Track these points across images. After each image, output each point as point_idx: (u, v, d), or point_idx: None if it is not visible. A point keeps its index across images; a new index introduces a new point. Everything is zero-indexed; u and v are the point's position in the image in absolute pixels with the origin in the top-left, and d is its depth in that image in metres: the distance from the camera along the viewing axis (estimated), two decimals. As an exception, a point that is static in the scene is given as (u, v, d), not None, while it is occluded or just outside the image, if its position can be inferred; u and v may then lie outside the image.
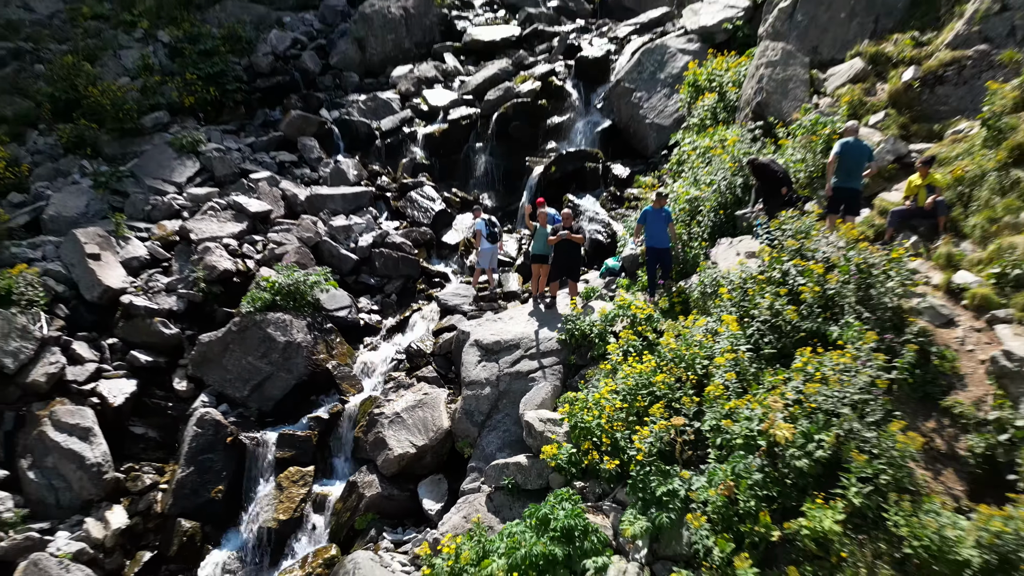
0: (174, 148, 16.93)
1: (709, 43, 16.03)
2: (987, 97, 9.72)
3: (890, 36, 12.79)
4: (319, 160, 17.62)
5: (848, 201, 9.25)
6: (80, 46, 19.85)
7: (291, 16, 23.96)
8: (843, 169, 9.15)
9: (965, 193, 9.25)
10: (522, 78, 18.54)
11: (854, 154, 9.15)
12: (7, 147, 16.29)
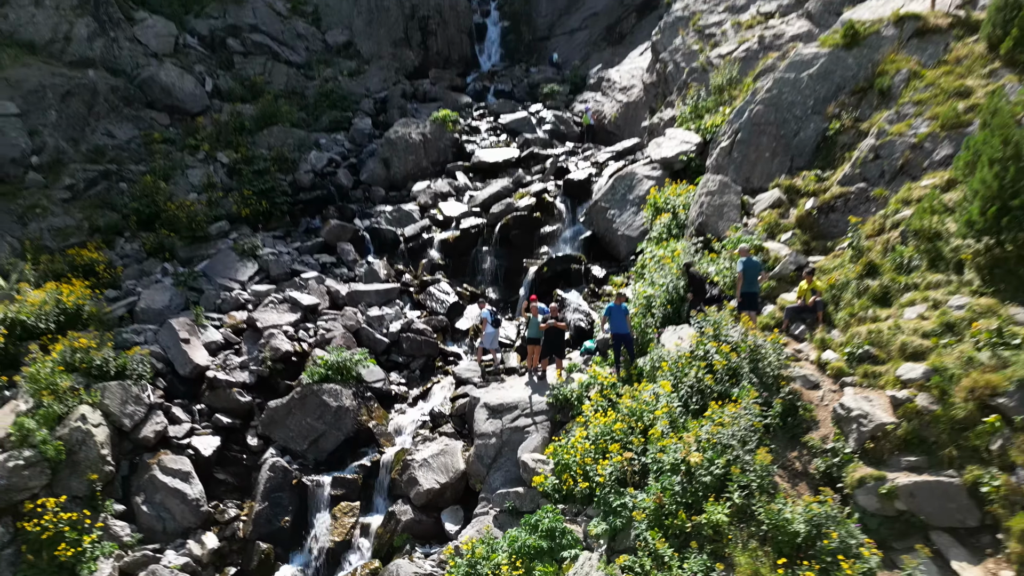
0: (236, 252, 20.79)
1: (669, 171, 20.12)
2: (851, 227, 13.56)
3: (800, 173, 16.76)
4: (355, 261, 21.45)
5: (751, 301, 12.92)
6: (155, 166, 24.08)
7: (326, 138, 28.46)
8: (746, 280, 12.86)
9: (836, 295, 12.90)
10: (520, 194, 22.64)
11: (752, 269, 12.88)
12: (102, 252, 20.13)
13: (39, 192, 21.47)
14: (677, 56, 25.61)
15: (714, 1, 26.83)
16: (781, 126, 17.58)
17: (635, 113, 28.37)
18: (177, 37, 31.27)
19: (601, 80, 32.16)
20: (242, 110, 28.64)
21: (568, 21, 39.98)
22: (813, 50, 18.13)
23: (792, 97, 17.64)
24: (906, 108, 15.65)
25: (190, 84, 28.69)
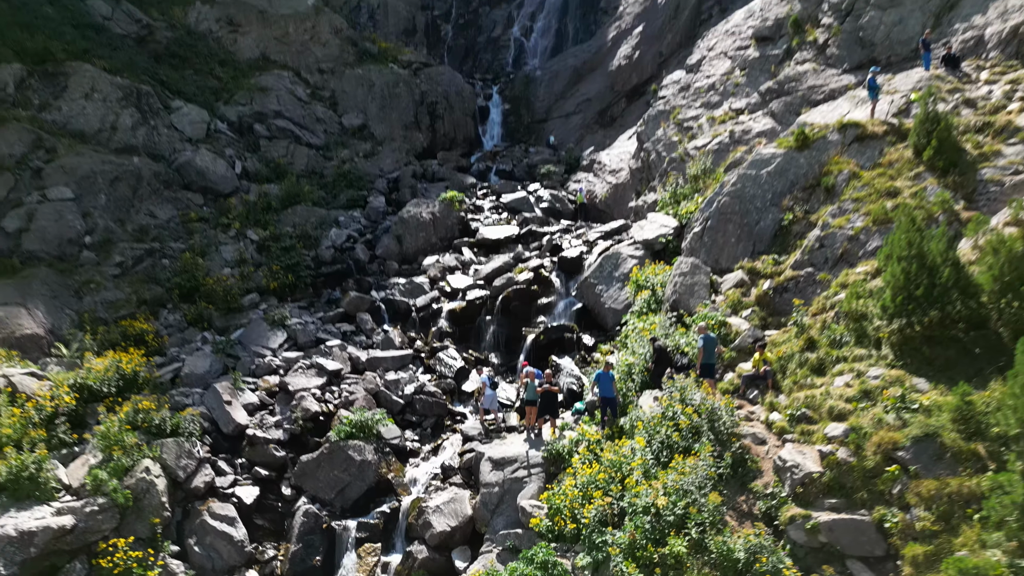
0: (267, 322, 23.36)
1: (650, 251, 22.87)
2: (796, 308, 16.18)
3: (761, 257, 19.45)
4: (372, 330, 24.00)
5: (709, 371, 15.43)
6: (192, 244, 26.89)
7: (344, 215, 31.40)
8: (705, 353, 15.39)
9: (783, 365, 15.40)
10: (520, 269, 25.35)
11: (709, 343, 15.43)
12: (150, 322, 22.70)
13: (93, 269, 24.20)
14: (659, 146, 28.79)
15: (692, 97, 30.20)
16: (744, 216, 20.39)
17: (623, 194, 31.40)
18: (209, 123, 34.61)
19: (593, 162, 35.41)
20: (268, 190, 31.69)
21: (564, 105, 43.63)
22: (771, 151, 21.09)
23: (754, 191, 20.50)
24: (846, 204, 18.48)
25: (222, 167, 31.81)
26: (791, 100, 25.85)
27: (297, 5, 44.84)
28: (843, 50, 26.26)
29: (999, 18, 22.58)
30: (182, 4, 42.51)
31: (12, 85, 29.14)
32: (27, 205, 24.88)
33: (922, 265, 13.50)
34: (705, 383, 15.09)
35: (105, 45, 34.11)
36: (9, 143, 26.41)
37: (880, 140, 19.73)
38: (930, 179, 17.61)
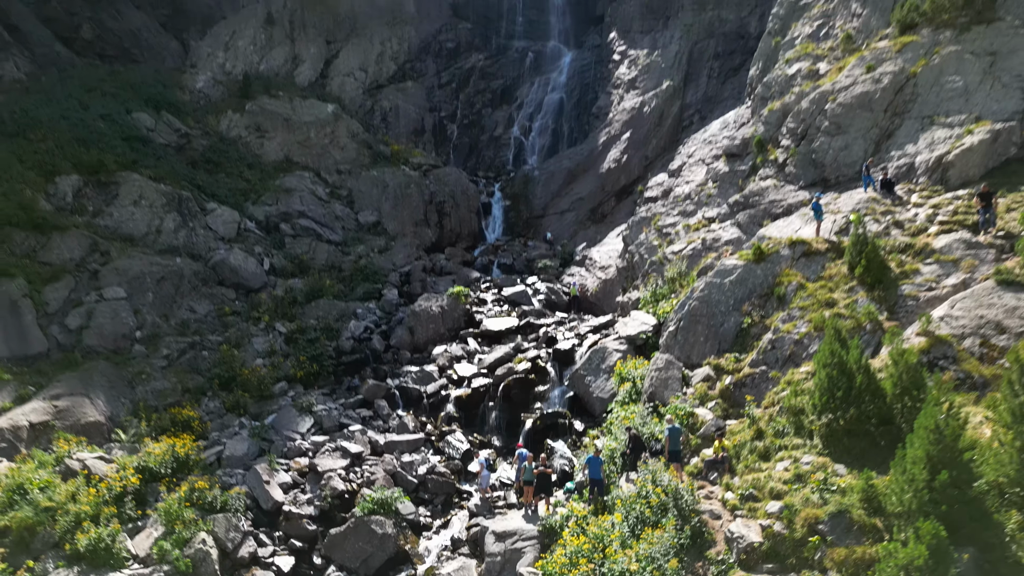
0: (296, 409, 26.46)
1: (632, 346, 26.17)
2: (747, 404, 19.37)
3: (725, 355, 22.74)
4: (388, 415, 27.06)
5: (675, 457, 18.49)
6: (228, 336, 30.23)
7: (361, 307, 34.86)
8: (671, 441, 18.50)
9: (738, 451, 18.47)
10: (519, 359, 28.60)
11: (674, 433, 18.56)
12: (194, 409, 25.79)
13: (143, 361, 27.47)
14: (641, 249, 32.52)
15: (671, 205, 34.15)
16: (711, 318, 23.79)
17: (611, 288, 34.96)
18: (239, 223, 38.54)
19: (585, 258, 39.18)
20: (293, 285, 35.26)
21: (559, 203, 47.84)
22: (734, 262, 24.66)
23: (719, 297, 23.96)
24: (794, 311, 21.90)
25: (252, 264, 35.48)
26: (755, 212, 29.67)
27: (318, 112, 49.73)
28: (799, 169, 30.31)
29: (927, 148, 26.63)
30: (215, 113, 47.37)
31: (71, 194, 33.13)
32: (86, 304, 28.36)
33: (842, 371, 16.76)
34: (672, 467, 18.14)
35: (150, 155, 38.38)
36: (70, 248, 30.13)
37: (823, 256, 23.33)
38: (861, 292, 21.09)
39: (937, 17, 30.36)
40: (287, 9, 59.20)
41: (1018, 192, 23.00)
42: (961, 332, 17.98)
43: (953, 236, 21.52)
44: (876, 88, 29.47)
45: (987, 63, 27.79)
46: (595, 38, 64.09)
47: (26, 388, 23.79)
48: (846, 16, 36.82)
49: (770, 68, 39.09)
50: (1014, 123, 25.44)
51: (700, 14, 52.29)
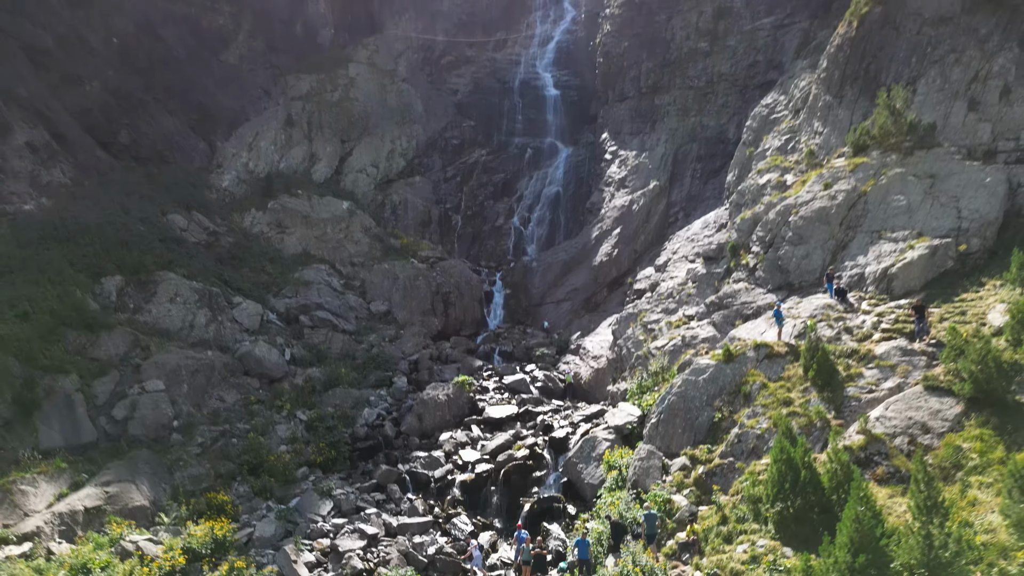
0: (317, 493, 29.32)
1: (620, 435, 29.24)
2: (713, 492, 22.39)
3: (699, 446, 25.84)
4: (399, 499, 29.88)
5: (651, 539, 21.39)
6: (254, 424, 33.29)
7: (374, 395, 38.00)
8: (648, 526, 21.44)
9: (706, 535, 21.38)
10: (518, 446, 31.60)
11: (650, 518, 21.53)
12: (226, 493, 28.65)
13: (180, 448, 30.49)
14: (629, 343, 35.94)
15: (655, 302, 37.77)
16: (688, 412, 26.98)
17: (603, 377, 38.19)
18: (262, 315, 42.09)
19: (579, 347, 42.56)
20: (312, 374, 38.49)
21: (556, 293, 51.57)
22: (707, 362, 28.02)
23: (694, 393, 27.22)
24: (757, 408, 25.14)
25: (275, 355, 38.83)
26: (728, 313, 33.23)
27: (334, 209, 54.09)
28: (767, 274, 34.06)
29: (875, 260, 30.43)
30: (240, 210, 51.71)
31: (115, 293, 36.79)
32: (130, 397, 31.58)
33: (790, 466, 19.89)
34: (649, 549, 21.04)
35: (184, 254, 42.28)
36: (115, 344, 33.55)
37: (783, 358, 26.73)
38: (813, 392, 24.40)
39: (885, 141, 34.80)
40: (305, 111, 64.57)
41: (951, 303, 26.60)
42: (893, 431, 21.21)
43: (892, 343, 24.96)
44: (832, 204, 33.55)
45: (928, 184, 31.97)
46: (589, 136, 69.34)
47: (80, 475, 26.77)
48: (810, 133, 41.44)
49: (744, 176, 43.52)
50: (950, 239, 29.34)
51: (684, 120, 57.33)
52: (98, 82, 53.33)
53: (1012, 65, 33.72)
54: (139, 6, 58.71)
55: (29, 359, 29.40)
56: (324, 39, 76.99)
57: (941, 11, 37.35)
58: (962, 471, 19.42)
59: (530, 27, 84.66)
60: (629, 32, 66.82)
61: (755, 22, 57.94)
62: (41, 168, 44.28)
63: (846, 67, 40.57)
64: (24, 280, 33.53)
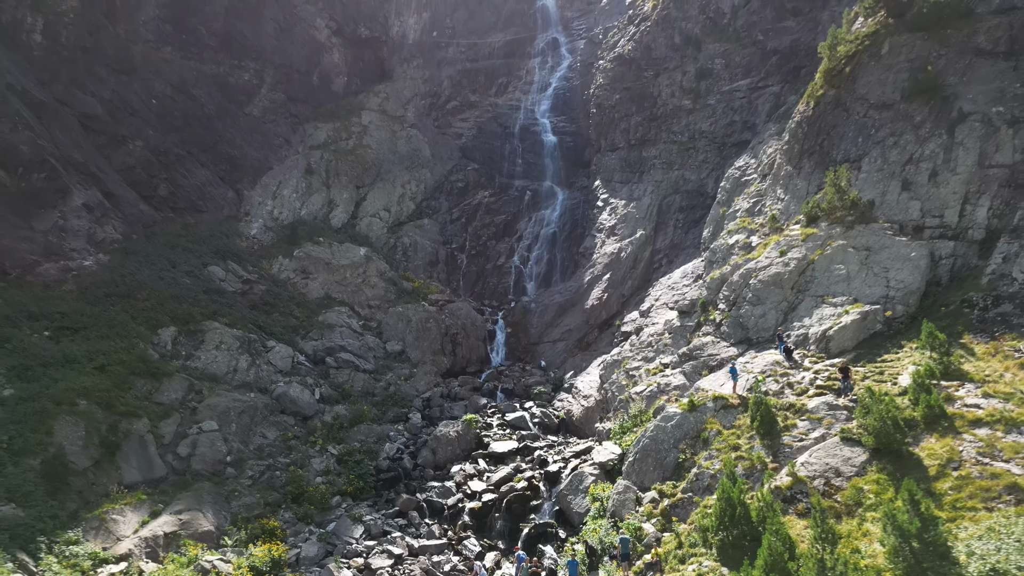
0: (350, 518, 35.00)
1: (603, 470, 34.91)
2: (672, 522, 28.11)
3: (667, 482, 31.51)
4: (419, 524, 35.55)
5: (625, 558, 27.11)
6: (294, 458, 39.00)
7: (393, 430, 43.73)
8: (622, 547, 27.15)
9: (667, 557, 27.04)
10: (518, 478, 37.28)
11: (625, 542, 27.25)
12: (275, 519, 34.31)
13: (234, 481, 36.19)
14: (613, 387, 41.71)
15: (637, 350, 43.54)
16: (658, 453, 32.69)
17: (592, 415, 43.91)
18: (293, 357, 47.86)
19: (572, 386, 48.32)
20: (339, 411, 44.23)
21: (552, 333, 57.38)
22: (675, 410, 33.74)
23: (663, 436, 32.92)
24: (712, 452, 30.85)
25: (306, 395, 44.58)
26: (697, 363, 38.99)
27: (352, 256, 59.94)
28: (731, 329, 39.85)
29: (817, 322, 36.20)
30: (268, 258, 57.59)
31: (170, 343, 42.59)
32: (191, 436, 37.31)
33: (729, 503, 25.61)
34: (621, 567, 26.74)
35: (224, 304, 48.12)
36: (175, 390, 39.32)
37: (735, 409, 32.46)
38: (757, 440, 30.11)
39: (832, 214, 40.68)
40: (323, 160, 70.62)
41: (874, 363, 32.36)
42: (813, 474, 26.92)
43: (822, 399, 30.70)
44: (786, 270, 39.38)
45: (864, 256, 37.82)
46: (583, 180, 75.40)
47: (157, 505, 32.47)
48: (773, 198, 47.40)
49: (717, 234, 49.44)
50: (879, 306, 35.15)
51: (668, 172, 63.31)
52: (140, 141, 59.35)
53: (941, 150, 39.61)
54: (175, 69, 64.88)
55: (109, 406, 35.12)
56: (338, 87, 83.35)
57: (884, 98, 43.32)
58: (862, 508, 25.10)
59: (529, 73, 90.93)
60: (620, 86, 72.96)
61: (733, 83, 64.03)
62: (96, 226, 50.17)
63: (804, 142, 46.59)
64: (96, 335, 39.34)
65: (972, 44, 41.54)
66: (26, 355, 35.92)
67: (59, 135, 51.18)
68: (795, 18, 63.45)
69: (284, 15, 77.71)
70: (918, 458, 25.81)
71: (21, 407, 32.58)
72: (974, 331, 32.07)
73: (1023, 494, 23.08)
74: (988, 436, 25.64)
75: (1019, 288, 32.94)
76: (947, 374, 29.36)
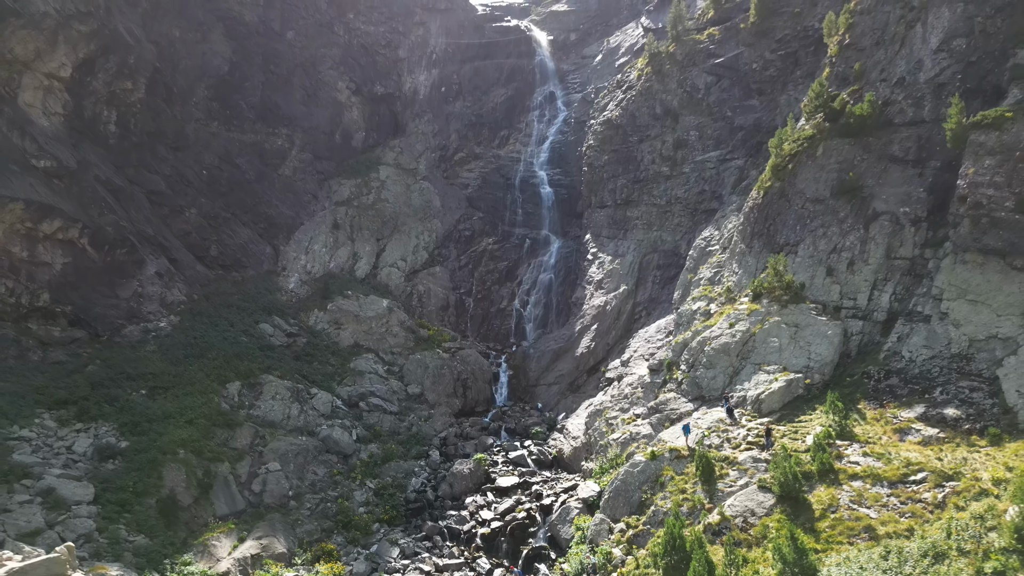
0: (388, 542, 44.86)
1: (586, 504, 44.72)
2: (633, 550, 38.00)
3: (633, 515, 41.30)
4: (442, 546, 45.38)
5: None
6: (340, 493, 48.82)
7: (417, 466, 53.59)
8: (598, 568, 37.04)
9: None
10: (519, 509, 47.08)
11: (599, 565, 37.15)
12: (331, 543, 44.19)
13: (296, 512, 46.08)
14: (595, 433, 51.60)
15: (616, 401, 53.41)
16: (627, 493, 42.49)
17: (580, 454, 53.75)
18: (332, 402, 57.74)
19: (563, 427, 58.18)
20: (372, 450, 54.09)
21: (547, 376, 67.28)
22: (640, 458, 43.53)
23: (631, 479, 42.73)
24: (666, 493, 40.62)
25: (346, 437, 54.45)
26: (662, 416, 48.86)
27: (377, 308, 69.82)
28: (689, 388, 49.70)
29: (754, 387, 46.03)
30: (305, 311, 67.48)
31: (236, 395, 52.49)
32: (260, 475, 47.21)
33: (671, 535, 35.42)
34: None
35: (275, 358, 58.01)
36: (245, 437, 49.20)
37: (686, 459, 42.28)
38: (699, 485, 39.92)
39: (771, 293, 50.52)
40: (348, 216, 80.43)
41: (792, 423, 42.22)
42: (735, 514, 36.76)
43: (750, 453, 40.53)
44: (732, 340, 49.22)
45: (793, 331, 47.66)
46: (576, 230, 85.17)
47: (242, 533, 42.34)
48: (730, 271, 57.27)
49: (684, 299, 59.27)
50: (801, 375, 44.99)
51: (648, 232, 73.15)
52: (195, 208, 69.23)
53: (858, 243, 49.49)
54: (221, 142, 74.79)
55: (200, 453, 45.00)
56: (358, 141, 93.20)
57: (817, 193, 53.22)
58: (767, 540, 34.95)
59: (528, 126, 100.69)
60: (608, 148, 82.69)
61: (705, 154, 73.83)
62: (166, 290, 60.10)
63: (755, 225, 56.44)
64: (182, 392, 49.24)
65: (888, 151, 51.42)
66: (132, 412, 45.81)
67: (133, 213, 61.06)
68: (759, 97, 73.21)
69: (310, 82, 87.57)
70: (809, 503, 35.63)
71: (137, 457, 42.44)
72: (868, 398, 42.02)
73: (875, 532, 32.90)
74: (859, 487, 35.47)
75: (906, 364, 42.89)
76: (841, 434, 39.22)
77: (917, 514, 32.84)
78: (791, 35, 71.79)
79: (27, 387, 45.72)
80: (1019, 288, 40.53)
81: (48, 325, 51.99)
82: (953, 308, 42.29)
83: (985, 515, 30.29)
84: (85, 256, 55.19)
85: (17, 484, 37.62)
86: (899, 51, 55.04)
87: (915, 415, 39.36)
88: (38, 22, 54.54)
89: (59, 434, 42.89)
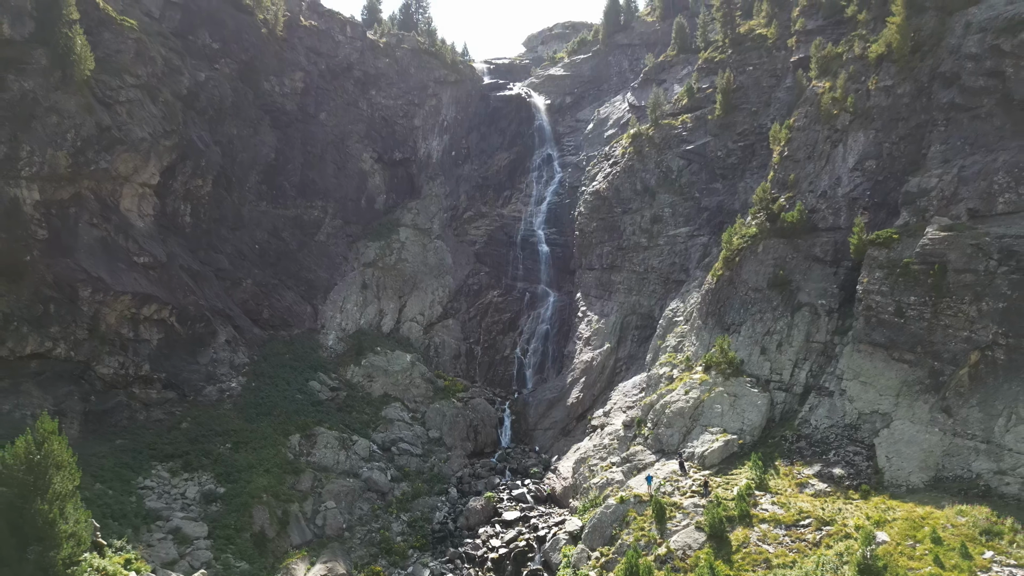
0: (421, 565, 58.75)
1: (571, 536, 58.48)
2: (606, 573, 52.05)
3: (605, 546, 55.23)
4: (463, 569, 59.19)
5: (577, 594, 51.04)
6: (380, 524, 62.87)
7: (439, 502, 67.51)
8: (575, 589, 51.03)
9: (600, 592, 50.89)
10: (521, 539, 60.86)
11: (576, 586, 51.19)
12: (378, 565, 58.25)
13: (350, 540, 59.97)
14: (580, 477, 65.58)
15: (597, 450, 67.37)
16: (602, 529, 56.35)
17: (569, 492, 67.61)
18: (369, 447, 71.69)
19: (556, 468, 72.02)
20: (403, 488, 67.97)
21: (544, 422, 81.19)
22: (612, 502, 57.39)
23: (605, 518, 56.56)
24: (630, 530, 54.54)
25: (382, 478, 68.36)
26: (632, 466, 62.75)
27: (401, 362, 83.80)
28: (653, 443, 63.60)
29: (700, 445, 59.95)
30: (343, 366, 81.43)
31: (297, 446, 66.46)
32: (321, 512, 61.13)
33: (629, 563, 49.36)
34: (575, 599, 50.63)
35: (323, 412, 71.99)
36: (307, 481, 63.13)
37: (646, 503, 56.09)
38: (654, 525, 53.76)
39: (718, 367, 64.45)
40: (374, 277, 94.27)
41: (726, 475, 56.14)
42: (678, 547, 50.70)
43: (692, 500, 54.41)
44: (686, 406, 63.17)
45: (732, 400, 61.63)
46: (569, 285, 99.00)
47: (312, 559, 56.22)
48: (689, 342, 71.24)
49: (654, 363, 73.24)
50: (736, 436, 58.90)
51: (628, 296, 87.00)
52: (250, 279, 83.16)
53: (786, 328, 63.40)
54: (269, 218, 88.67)
55: (277, 496, 58.96)
56: (380, 204, 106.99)
57: (756, 283, 67.09)
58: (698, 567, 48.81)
59: (528, 186, 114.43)
60: (596, 216, 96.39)
61: (676, 229, 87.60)
62: (233, 354, 74.11)
63: (709, 305, 70.34)
64: (258, 446, 63.20)
65: (812, 252, 65.30)
66: (224, 464, 59.79)
67: (207, 290, 75.03)
68: (722, 181, 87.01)
69: (340, 156, 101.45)
70: (729, 540, 49.57)
71: (232, 501, 56.42)
72: (784, 457, 55.99)
73: (771, 564, 46.82)
74: (766, 529, 49.44)
75: (812, 430, 56.92)
76: (760, 486, 53.15)
77: (800, 550, 46.74)
78: (749, 130, 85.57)
79: (141, 443, 59.68)
80: (896, 375, 54.38)
81: (147, 389, 65.93)
82: (849, 387, 56.15)
83: (844, 553, 44.19)
84: (173, 331, 69.12)
85: (153, 525, 51.60)
86: (824, 166, 69.15)
87: (813, 472, 53.29)
88: (136, 145, 68.38)
89: (172, 482, 56.89)
